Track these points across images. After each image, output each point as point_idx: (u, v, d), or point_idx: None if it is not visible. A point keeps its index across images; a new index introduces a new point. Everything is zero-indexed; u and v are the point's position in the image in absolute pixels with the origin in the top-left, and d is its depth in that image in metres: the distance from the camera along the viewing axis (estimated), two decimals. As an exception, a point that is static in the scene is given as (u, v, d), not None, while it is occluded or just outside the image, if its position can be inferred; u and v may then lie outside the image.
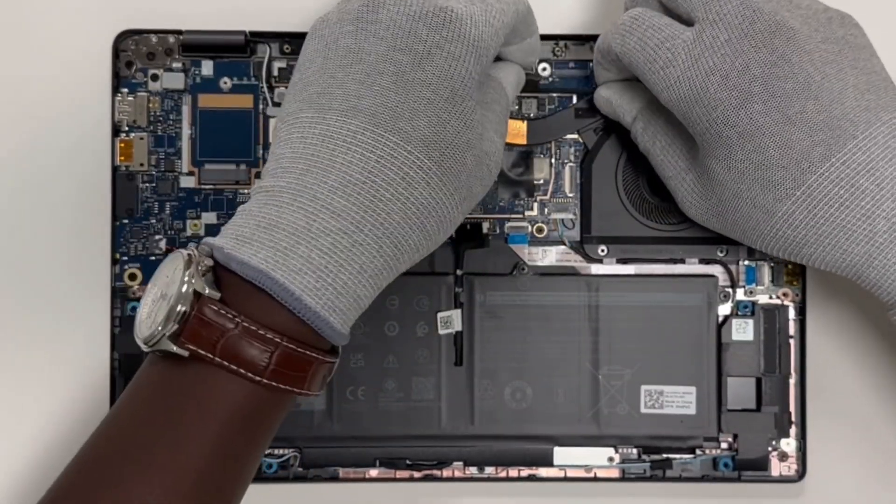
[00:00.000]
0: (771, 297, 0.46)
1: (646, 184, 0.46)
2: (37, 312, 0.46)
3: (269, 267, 0.33)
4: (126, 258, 0.46)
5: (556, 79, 0.46)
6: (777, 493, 0.47)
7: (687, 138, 0.42)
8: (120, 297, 0.45)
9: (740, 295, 0.46)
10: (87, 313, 0.46)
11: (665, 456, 0.46)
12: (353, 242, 0.34)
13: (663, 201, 0.46)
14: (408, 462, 0.46)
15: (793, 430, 0.46)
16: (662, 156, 0.43)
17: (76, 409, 0.46)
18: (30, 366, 0.46)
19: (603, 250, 0.46)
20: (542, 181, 0.47)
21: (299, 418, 0.45)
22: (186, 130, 0.46)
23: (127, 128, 0.46)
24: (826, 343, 0.47)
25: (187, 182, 0.46)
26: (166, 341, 0.33)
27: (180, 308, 0.33)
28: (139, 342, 0.34)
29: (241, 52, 0.46)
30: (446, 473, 0.46)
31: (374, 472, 0.46)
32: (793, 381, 0.46)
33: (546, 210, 0.47)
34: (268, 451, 0.45)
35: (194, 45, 0.46)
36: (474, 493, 0.47)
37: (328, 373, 0.37)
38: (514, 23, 0.39)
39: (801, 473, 0.46)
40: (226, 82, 0.46)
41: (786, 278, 0.46)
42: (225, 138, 0.46)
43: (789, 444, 0.46)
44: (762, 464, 0.46)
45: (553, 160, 0.47)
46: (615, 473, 0.46)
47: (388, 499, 0.47)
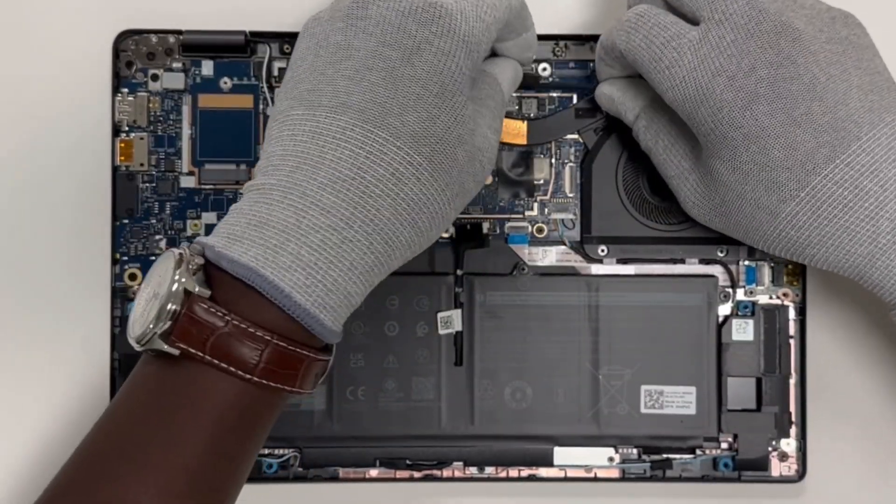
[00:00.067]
0: (771, 297, 0.46)
1: (646, 184, 0.46)
2: (37, 312, 0.46)
3: (259, 264, 0.33)
4: (126, 258, 0.46)
5: (556, 79, 0.46)
6: (777, 493, 0.47)
7: (690, 137, 0.42)
8: (120, 297, 0.45)
9: (740, 295, 0.46)
10: (87, 313, 0.46)
11: (665, 456, 0.46)
12: (343, 239, 0.34)
13: (663, 201, 0.46)
14: (408, 462, 0.46)
15: (793, 431, 0.46)
16: (665, 155, 0.42)
17: (76, 409, 0.46)
18: (30, 366, 0.46)
19: (603, 250, 0.46)
20: (542, 181, 0.46)
21: (299, 418, 0.45)
22: (186, 130, 0.46)
23: (127, 128, 0.46)
24: (826, 343, 0.47)
25: (187, 182, 0.46)
26: (157, 340, 0.33)
27: (171, 306, 0.33)
28: (132, 341, 0.34)
29: (241, 52, 0.46)
30: (446, 473, 0.46)
31: (374, 472, 0.46)
32: (793, 381, 0.46)
33: (546, 210, 0.47)
34: (268, 451, 0.45)
35: (194, 45, 0.46)
36: (474, 493, 0.47)
37: (321, 371, 0.36)
38: (506, 18, 0.39)
39: (801, 473, 0.46)
40: (226, 82, 0.46)
41: (786, 278, 0.46)
42: (225, 138, 0.46)
43: (789, 444, 0.46)
44: (762, 464, 0.46)
45: (553, 160, 0.47)
46: (615, 473, 0.46)
47: (388, 499, 0.47)
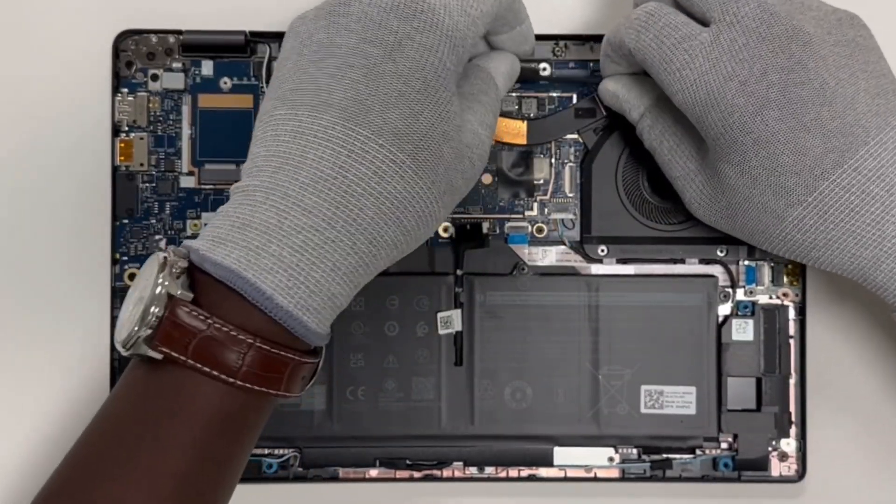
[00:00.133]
0: (771, 297, 0.46)
1: (646, 184, 0.46)
2: (37, 312, 0.46)
3: (242, 267, 0.33)
4: (126, 258, 0.46)
5: (556, 79, 0.46)
6: (777, 493, 0.47)
7: (695, 138, 0.41)
8: (120, 297, 0.45)
9: (740, 295, 0.46)
10: (87, 313, 0.46)
11: (665, 456, 0.46)
12: (325, 239, 0.34)
13: (663, 201, 0.46)
14: (408, 462, 0.46)
15: (793, 430, 0.46)
16: (670, 156, 0.42)
17: (76, 409, 0.46)
18: (30, 365, 0.46)
19: (603, 250, 0.46)
20: (542, 181, 0.46)
21: (299, 418, 0.45)
22: (186, 130, 0.46)
23: (127, 128, 0.46)
24: (826, 343, 0.47)
25: (187, 182, 0.46)
26: (142, 345, 0.33)
27: (154, 310, 0.33)
28: (118, 345, 0.34)
29: (241, 52, 0.46)
30: (446, 473, 0.46)
31: (374, 472, 0.46)
32: (793, 381, 0.46)
33: (546, 210, 0.47)
34: (268, 451, 0.46)
35: (194, 45, 0.45)
36: (474, 493, 0.47)
37: (310, 374, 0.36)
38: (496, 11, 0.38)
39: (801, 473, 0.46)
40: (226, 82, 0.46)
41: (786, 278, 0.46)
42: (225, 138, 0.46)
43: (789, 444, 0.46)
44: (762, 464, 0.46)
45: (553, 160, 0.47)
46: (615, 473, 0.46)
47: (388, 499, 0.47)
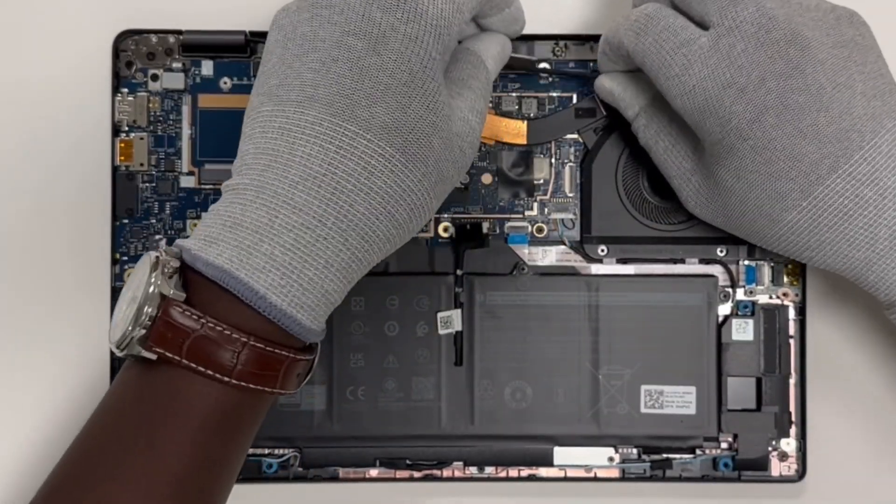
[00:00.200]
0: (771, 297, 0.46)
1: (646, 183, 0.46)
2: (37, 312, 0.46)
3: (234, 266, 0.33)
4: (126, 258, 0.46)
5: (556, 79, 0.46)
6: (777, 493, 0.47)
7: (691, 138, 0.42)
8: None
9: (740, 295, 0.46)
10: (87, 313, 0.46)
11: (665, 456, 0.46)
12: (317, 237, 0.34)
13: (663, 201, 0.46)
14: (408, 462, 0.46)
15: (793, 430, 0.46)
16: (665, 155, 0.42)
17: (76, 409, 0.46)
18: (29, 365, 0.46)
19: (603, 250, 0.46)
20: (542, 181, 0.46)
21: (299, 418, 0.45)
22: (186, 130, 0.46)
23: (127, 128, 0.46)
24: (826, 343, 0.47)
25: (187, 182, 0.46)
26: (135, 345, 0.33)
27: (147, 310, 0.33)
28: (112, 346, 0.34)
29: (241, 52, 0.46)
30: (446, 473, 0.46)
31: (374, 472, 0.46)
32: (793, 381, 0.46)
33: (546, 210, 0.46)
34: (268, 451, 0.45)
35: (194, 45, 0.45)
36: (474, 493, 0.47)
37: (305, 371, 0.36)
38: None
39: (801, 473, 0.46)
40: (226, 82, 0.46)
41: (786, 278, 0.46)
42: (225, 138, 0.46)
43: (789, 444, 0.46)
44: (762, 464, 0.46)
45: (553, 160, 0.47)
46: (615, 473, 0.46)
47: (388, 499, 0.47)
